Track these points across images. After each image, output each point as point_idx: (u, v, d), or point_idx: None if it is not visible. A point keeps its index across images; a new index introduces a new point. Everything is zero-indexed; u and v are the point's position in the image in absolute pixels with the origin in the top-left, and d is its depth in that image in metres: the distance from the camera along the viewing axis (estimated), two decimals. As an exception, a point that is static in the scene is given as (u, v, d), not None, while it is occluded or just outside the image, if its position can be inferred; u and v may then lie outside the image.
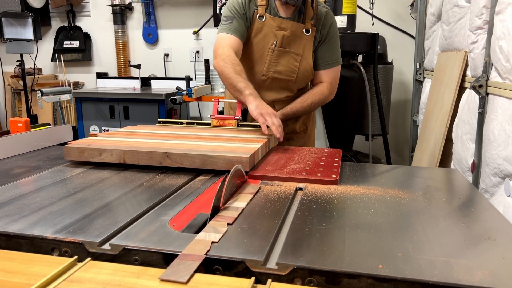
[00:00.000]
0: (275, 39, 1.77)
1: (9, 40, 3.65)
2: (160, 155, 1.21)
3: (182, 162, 1.20)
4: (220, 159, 1.17)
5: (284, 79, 1.82)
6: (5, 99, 4.74)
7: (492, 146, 1.63)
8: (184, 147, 1.26)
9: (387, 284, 0.63)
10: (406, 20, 3.71)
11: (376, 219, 0.87)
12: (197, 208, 0.93)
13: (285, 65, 1.80)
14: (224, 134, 1.52)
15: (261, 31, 1.79)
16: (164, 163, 1.21)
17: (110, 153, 1.25)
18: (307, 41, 1.79)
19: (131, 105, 3.89)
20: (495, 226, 0.85)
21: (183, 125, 1.72)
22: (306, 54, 1.80)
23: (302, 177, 1.13)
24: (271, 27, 1.78)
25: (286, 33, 1.77)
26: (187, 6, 4.26)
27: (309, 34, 1.78)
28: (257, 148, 1.26)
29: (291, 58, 1.79)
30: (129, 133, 1.52)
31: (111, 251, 0.73)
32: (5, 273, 0.66)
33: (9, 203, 0.95)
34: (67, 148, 1.29)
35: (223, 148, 1.26)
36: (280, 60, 1.79)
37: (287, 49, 1.79)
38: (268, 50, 1.79)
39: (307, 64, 1.80)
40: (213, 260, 0.69)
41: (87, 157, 1.27)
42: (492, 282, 0.62)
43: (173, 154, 1.20)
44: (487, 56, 1.77)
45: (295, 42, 1.78)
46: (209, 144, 1.32)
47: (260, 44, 1.80)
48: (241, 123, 1.67)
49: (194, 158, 1.19)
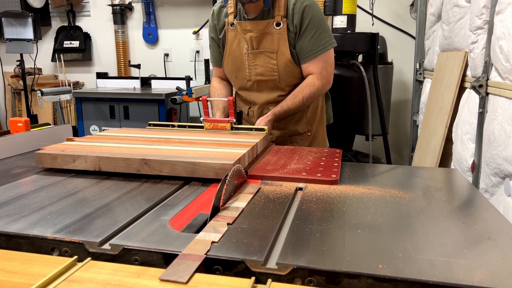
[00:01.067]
0: (246, 43, 1.75)
1: (9, 40, 3.65)
2: (138, 161, 1.12)
3: (161, 169, 1.11)
4: (202, 166, 1.09)
5: (269, 79, 1.77)
6: (5, 99, 4.74)
7: (492, 146, 1.63)
8: (165, 153, 1.18)
9: (387, 284, 0.63)
10: (406, 20, 3.71)
11: (376, 219, 0.87)
12: (197, 208, 0.93)
13: (263, 66, 1.75)
14: (212, 138, 1.44)
15: (235, 39, 1.78)
16: (142, 170, 1.12)
17: (84, 159, 1.16)
18: (280, 35, 1.70)
19: (131, 105, 3.89)
20: (495, 226, 0.85)
21: (174, 128, 1.65)
22: (282, 49, 1.72)
23: (302, 177, 1.12)
24: (240, 32, 1.76)
25: (253, 34, 1.72)
26: (187, 6, 4.26)
27: (280, 27, 1.69)
28: (242, 153, 1.18)
29: (266, 57, 1.74)
30: (110, 137, 1.43)
31: (111, 251, 0.73)
32: (5, 273, 0.66)
33: (9, 203, 0.95)
34: (39, 154, 1.20)
35: (207, 154, 1.18)
36: (257, 62, 1.76)
37: (260, 50, 1.74)
38: (244, 55, 1.77)
39: (285, 59, 1.73)
40: (213, 260, 0.69)
41: (60, 164, 1.18)
42: (492, 282, 0.62)
43: (152, 161, 1.11)
44: (487, 56, 1.77)
45: (267, 40, 1.72)
46: (193, 149, 1.25)
47: (237, 51, 1.79)
48: (236, 126, 1.60)
49: (174, 165, 1.10)
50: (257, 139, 1.39)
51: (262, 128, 1.56)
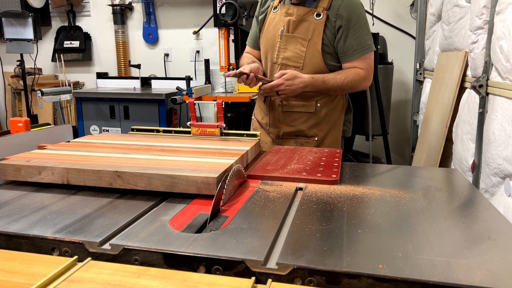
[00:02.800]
0: (283, 25, 1.79)
1: (9, 40, 3.65)
2: (110, 174, 1.00)
3: (136, 183, 0.99)
4: (182, 179, 0.97)
5: (293, 65, 1.78)
6: (5, 99, 4.74)
7: (492, 146, 1.63)
8: (141, 164, 1.07)
9: (387, 284, 0.63)
10: (406, 20, 3.71)
11: (376, 219, 0.87)
12: (197, 208, 0.93)
13: (292, 51, 1.77)
14: (198, 145, 1.33)
15: (273, 21, 1.83)
16: (114, 184, 1.00)
17: (51, 171, 1.04)
18: (316, 26, 1.72)
19: (131, 105, 3.89)
20: (495, 226, 0.85)
21: (159, 133, 1.53)
22: (315, 39, 1.73)
23: (302, 177, 1.12)
24: (281, 15, 1.81)
25: (292, 18, 1.76)
26: (187, 6, 4.26)
27: (320, 18, 1.71)
28: (229, 164, 1.08)
29: (298, 43, 1.76)
30: (86, 145, 1.33)
31: (111, 251, 0.73)
32: (6, 273, 0.66)
33: (9, 203, 0.95)
34: (1, 165, 1.08)
35: (189, 165, 1.07)
36: (288, 46, 1.78)
37: (294, 34, 1.76)
38: (278, 37, 1.80)
39: (315, 49, 1.74)
40: (213, 260, 0.69)
41: (24, 176, 1.06)
42: (492, 282, 0.62)
43: (125, 173, 0.99)
44: (487, 56, 1.77)
45: (303, 26, 1.75)
46: (174, 159, 1.14)
47: (272, 32, 1.83)
48: (226, 132, 1.49)
49: (151, 178, 0.98)
50: (248, 147, 1.30)
51: (254, 133, 1.48)
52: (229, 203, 0.97)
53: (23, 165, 1.07)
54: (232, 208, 0.93)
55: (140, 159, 1.14)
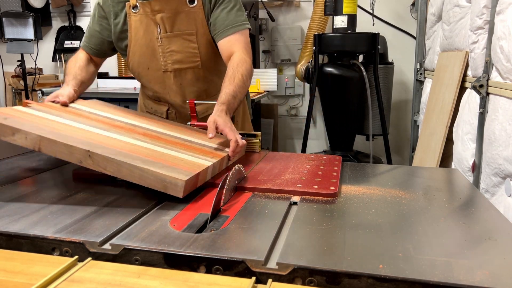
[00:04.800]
0: (157, 26, 1.50)
1: (10, 40, 3.65)
2: (82, 152, 0.94)
3: (106, 167, 0.93)
4: (150, 174, 0.91)
5: (189, 67, 1.55)
6: (6, 99, 4.74)
7: (492, 146, 1.63)
8: (116, 146, 1.00)
9: (388, 284, 0.63)
10: (407, 20, 3.71)
11: (376, 219, 0.87)
12: (198, 208, 0.93)
13: (181, 51, 1.52)
14: (185, 136, 1.26)
15: (141, 24, 1.51)
16: (84, 163, 0.95)
17: (24, 135, 0.97)
18: (196, 14, 1.48)
19: (131, 105, 3.87)
20: (495, 226, 0.85)
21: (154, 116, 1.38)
22: (202, 30, 1.50)
23: (297, 189, 1.02)
24: (147, 15, 1.49)
25: (164, 15, 1.48)
26: (187, 6, 4.26)
27: (195, 4, 1.48)
28: (205, 167, 1.01)
29: (184, 40, 1.51)
30: (71, 111, 1.23)
31: (112, 251, 0.73)
32: (6, 273, 0.66)
33: (9, 203, 0.95)
34: None
35: (163, 158, 1.00)
36: (173, 47, 1.52)
37: (175, 32, 1.50)
38: (156, 40, 1.52)
39: (207, 41, 1.51)
40: (213, 260, 0.69)
41: None
42: (493, 282, 0.62)
43: (97, 155, 0.93)
44: (488, 56, 1.77)
45: (181, 20, 1.49)
46: (152, 147, 1.07)
47: (145, 38, 1.52)
48: None
49: (120, 166, 0.92)
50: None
51: (254, 134, 1.41)
52: (229, 203, 0.97)
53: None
54: (233, 208, 0.93)
55: (118, 140, 1.06)
